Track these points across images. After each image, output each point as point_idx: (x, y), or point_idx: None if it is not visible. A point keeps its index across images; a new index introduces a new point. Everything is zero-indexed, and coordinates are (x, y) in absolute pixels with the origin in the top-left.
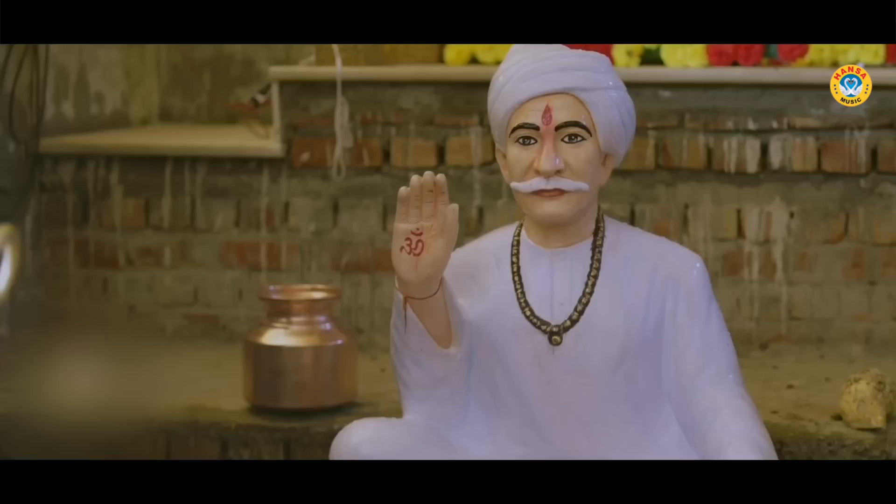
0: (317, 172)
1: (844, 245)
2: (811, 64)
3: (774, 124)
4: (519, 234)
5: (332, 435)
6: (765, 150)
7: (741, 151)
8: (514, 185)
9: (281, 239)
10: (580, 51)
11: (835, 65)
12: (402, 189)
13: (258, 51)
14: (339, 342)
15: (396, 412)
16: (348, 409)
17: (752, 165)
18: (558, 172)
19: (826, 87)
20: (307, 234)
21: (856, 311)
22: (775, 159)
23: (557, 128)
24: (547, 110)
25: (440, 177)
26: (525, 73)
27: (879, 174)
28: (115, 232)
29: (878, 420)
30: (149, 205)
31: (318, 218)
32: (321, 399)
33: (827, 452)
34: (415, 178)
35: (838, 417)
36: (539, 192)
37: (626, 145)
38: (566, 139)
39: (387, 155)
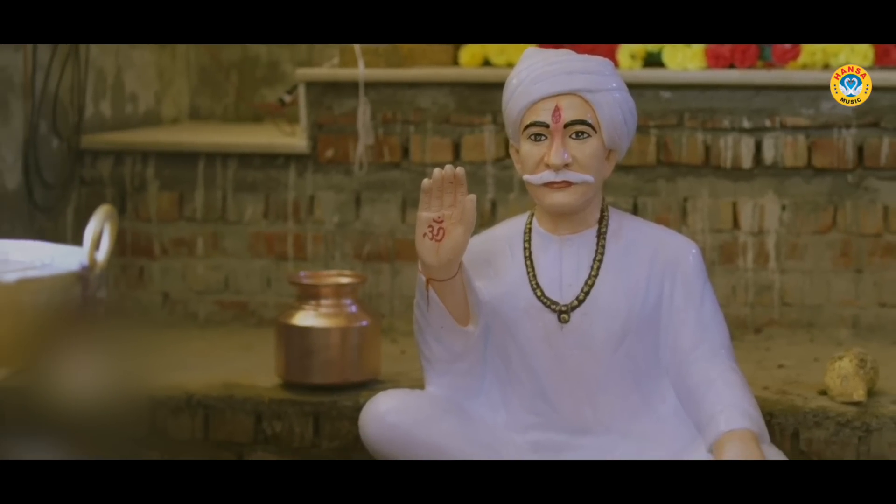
0: (340, 168)
1: (833, 236)
2: (804, 66)
3: (767, 123)
4: (530, 223)
5: (357, 408)
6: (759, 147)
7: (736, 148)
8: (526, 177)
9: (307, 230)
10: (586, 56)
11: (826, 67)
12: (425, 181)
13: (282, 53)
14: (364, 323)
15: (417, 388)
16: (372, 385)
17: (746, 161)
18: (566, 166)
19: (815, 88)
20: (331, 226)
21: (843, 298)
22: (768, 156)
23: (566, 126)
24: (556, 110)
25: (459, 170)
26: (536, 75)
27: (865, 169)
28: (151, 223)
29: (859, 394)
30: (183, 198)
31: (341, 210)
32: (347, 375)
33: (812, 424)
34: (436, 171)
35: (823, 392)
36: (549, 184)
37: (627, 141)
38: (573, 136)
39: (406, 151)
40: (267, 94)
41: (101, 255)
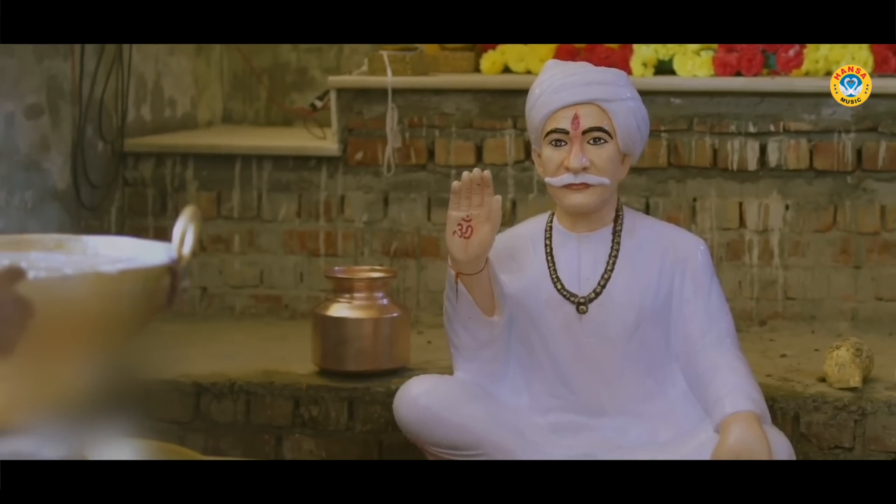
0: (369, 169)
1: (833, 234)
2: (807, 74)
3: (772, 128)
4: (551, 221)
5: (389, 394)
6: (763, 150)
7: (743, 151)
8: (547, 179)
9: (337, 228)
10: (603, 68)
11: (828, 74)
12: (455, 183)
13: (311, 59)
14: (395, 315)
15: (446, 375)
16: (402, 372)
17: (752, 164)
18: (585, 169)
19: (817, 95)
20: (360, 224)
21: (843, 292)
22: (773, 158)
23: (584, 132)
24: (575, 117)
25: (486, 172)
26: (557, 86)
27: (864, 171)
28: None
29: (855, 381)
30: (220, 197)
31: (370, 209)
32: (379, 363)
33: (812, 408)
34: (465, 174)
35: (822, 379)
36: (568, 186)
37: (641, 146)
38: (591, 141)
39: (431, 154)
40: (296, 98)
41: (187, 249)
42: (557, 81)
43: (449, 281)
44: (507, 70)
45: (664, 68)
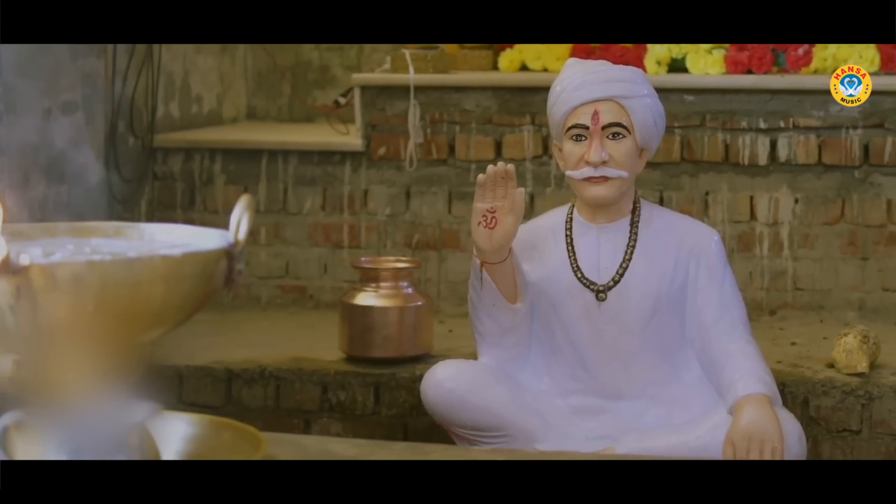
0: (392, 164)
1: (841, 226)
2: (815, 72)
3: (782, 124)
4: (571, 213)
5: (414, 379)
6: (773, 145)
7: (753, 147)
8: (568, 172)
9: (361, 221)
10: (621, 66)
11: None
12: (480, 176)
13: (332, 57)
14: (419, 303)
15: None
16: (426, 359)
17: (762, 159)
18: (604, 163)
19: (825, 92)
20: (383, 217)
21: (850, 283)
22: (782, 153)
23: (603, 127)
24: (595, 113)
25: (510, 166)
26: (577, 83)
27: (871, 166)
28: (218, 214)
29: (862, 366)
30: (247, 191)
31: (392, 203)
32: (404, 350)
33: (820, 392)
34: (490, 167)
35: (830, 365)
36: (588, 179)
37: (657, 141)
38: (610, 136)
39: (452, 149)
40: (319, 96)
41: (242, 234)
42: (578, 79)
43: (474, 270)
44: (524, 68)
45: (677, 66)
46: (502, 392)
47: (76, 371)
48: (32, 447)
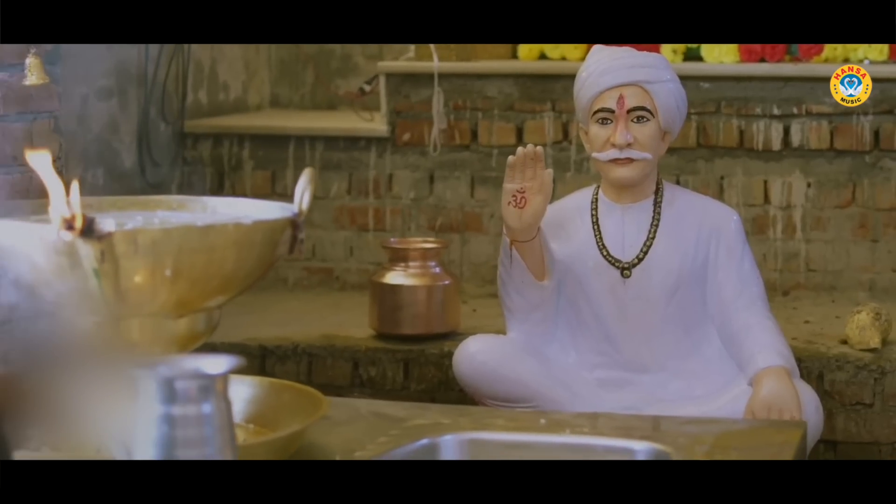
0: (416, 149)
1: (852, 210)
2: (826, 60)
3: (795, 110)
4: (597, 194)
5: (442, 356)
6: (787, 131)
7: (767, 133)
8: (594, 154)
9: (385, 204)
10: (645, 52)
11: (846, 61)
12: (510, 157)
13: (354, 47)
14: (447, 282)
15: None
16: (453, 336)
17: (776, 144)
18: (629, 145)
19: None
20: (407, 200)
21: (861, 264)
22: (795, 139)
23: (628, 111)
24: (621, 98)
25: (539, 148)
26: (603, 69)
27: (881, 151)
28: (246, 198)
29: (875, 342)
30: (275, 176)
31: (416, 187)
32: (432, 327)
33: (835, 367)
34: (520, 149)
35: (844, 342)
36: (614, 160)
37: (680, 124)
38: (635, 120)
39: (474, 135)
40: (341, 84)
41: (305, 205)
42: (604, 65)
43: (504, 248)
44: (543, 56)
45: (692, 55)
46: (532, 365)
47: (151, 332)
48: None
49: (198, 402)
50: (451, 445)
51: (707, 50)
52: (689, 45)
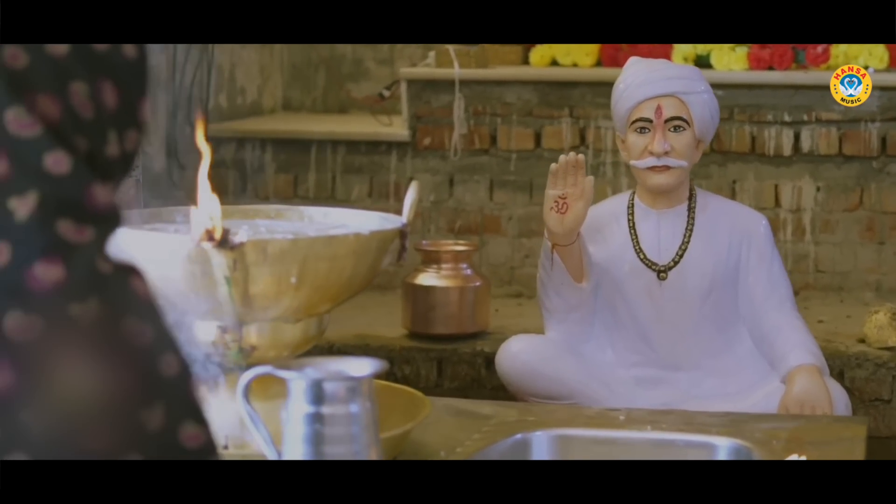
0: (436, 154)
1: (860, 213)
2: (829, 68)
3: (805, 117)
4: (633, 199)
5: (474, 354)
6: (797, 137)
7: (778, 139)
8: (632, 162)
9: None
10: (681, 64)
11: None
12: (553, 164)
13: (365, 52)
14: (478, 284)
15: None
16: (483, 335)
17: (787, 150)
18: (666, 153)
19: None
20: (428, 203)
21: (868, 266)
22: (805, 145)
23: (666, 121)
24: (658, 108)
25: (581, 156)
26: (641, 80)
27: (888, 157)
28: (269, 201)
29: (893, 341)
30: (297, 179)
31: (437, 190)
32: (464, 327)
33: (855, 365)
34: (562, 157)
35: (862, 340)
36: (652, 168)
37: (712, 134)
38: (672, 129)
39: (493, 140)
40: (353, 88)
41: (411, 216)
42: (642, 76)
43: (545, 251)
44: (554, 63)
45: (702, 63)
46: (571, 363)
47: (269, 336)
48: (273, 400)
49: (346, 403)
50: (543, 441)
51: (717, 58)
52: (700, 53)
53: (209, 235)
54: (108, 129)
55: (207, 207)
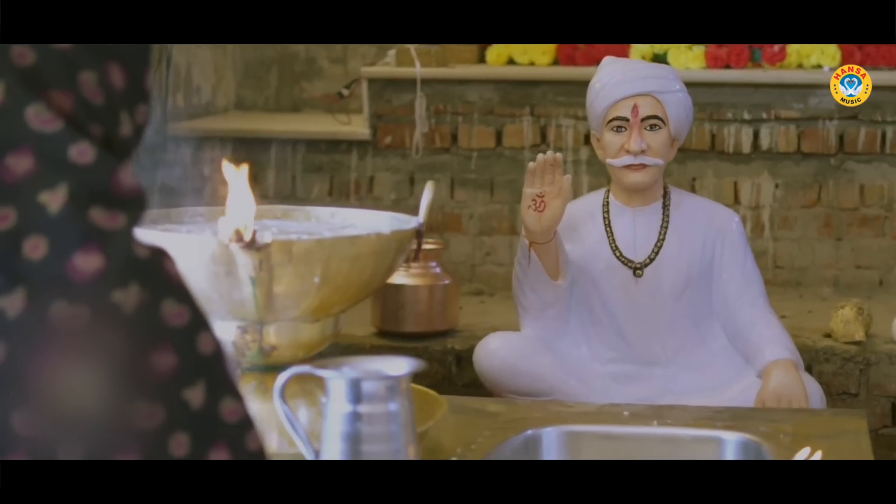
0: (397, 152)
1: (817, 210)
2: (785, 67)
3: (764, 115)
4: (607, 197)
5: (445, 352)
6: (756, 135)
7: (738, 136)
8: (609, 161)
9: (367, 206)
10: (656, 64)
11: (800, 67)
12: (531, 163)
13: (318, 50)
14: (446, 282)
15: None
16: (453, 333)
17: (746, 147)
18: (643, 152)
19: (804, 86)
20: (388, 202)
21: (826, 261)
22: (764, 142)
23: (642, 119)
24: (635, 107)
25: (558, 155)
26: (618, 80)
27: (845, 154)
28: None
29: (859, 335)
30: (257, 178)
31: (397, 189)
32: (434, 325)
33: (822, 359)
34: (540, 156)
35: (828, 335)
36: (628, 166)
37: (686, 132)
38: (648, 128)
39: (455, 138)
40: (306, 87)
41: (425, 217)
42: (618, 76)
43: (522, 249)
44: (511, 62)
45: (659, 61)
46: (547, 360)
47: (288, 336)
48: (309, 397)
49: (385, 401)
50: (553, 437)
51: (674, 56)
52: (657, 52)
53: (239, 236)
54: (120, 111)
55: (242, 209)
